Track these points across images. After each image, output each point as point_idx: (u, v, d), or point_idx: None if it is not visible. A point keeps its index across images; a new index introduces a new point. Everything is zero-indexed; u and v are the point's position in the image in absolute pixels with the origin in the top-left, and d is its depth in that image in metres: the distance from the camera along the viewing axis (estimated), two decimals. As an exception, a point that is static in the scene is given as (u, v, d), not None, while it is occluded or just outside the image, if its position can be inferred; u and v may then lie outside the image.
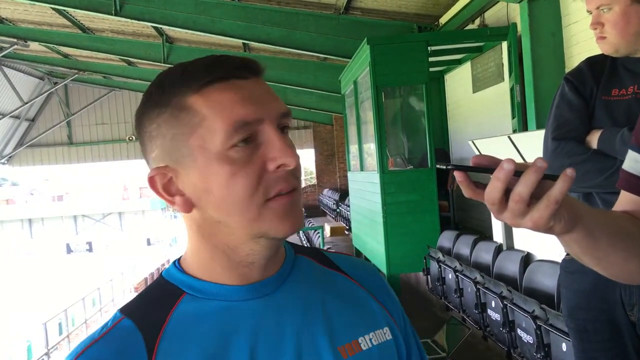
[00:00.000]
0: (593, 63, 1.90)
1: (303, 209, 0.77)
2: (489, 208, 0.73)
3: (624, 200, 0.98)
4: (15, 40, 11.12)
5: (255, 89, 0.74)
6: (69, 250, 42.63)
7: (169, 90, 0.73)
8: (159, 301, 0.76)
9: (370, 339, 0.81)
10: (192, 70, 0.73)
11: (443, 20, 7.54)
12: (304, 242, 12.22)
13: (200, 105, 0.71)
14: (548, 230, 0.73)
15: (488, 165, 0.71)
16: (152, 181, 0.75)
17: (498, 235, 4.87)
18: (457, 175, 0.72)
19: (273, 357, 0.74)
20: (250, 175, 0.71)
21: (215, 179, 0.71)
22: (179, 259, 0.81)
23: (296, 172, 0.74)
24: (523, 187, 0.68)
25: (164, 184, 0.75)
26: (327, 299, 0.82)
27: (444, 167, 0.73)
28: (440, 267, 5.25)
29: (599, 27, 1.80)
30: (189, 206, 0.75)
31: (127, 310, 0.76)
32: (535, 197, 0.70)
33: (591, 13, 1.84)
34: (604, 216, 0.87)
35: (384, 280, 0.93)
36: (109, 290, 18.93)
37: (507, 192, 0.70)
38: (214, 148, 0.71)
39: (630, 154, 0.99)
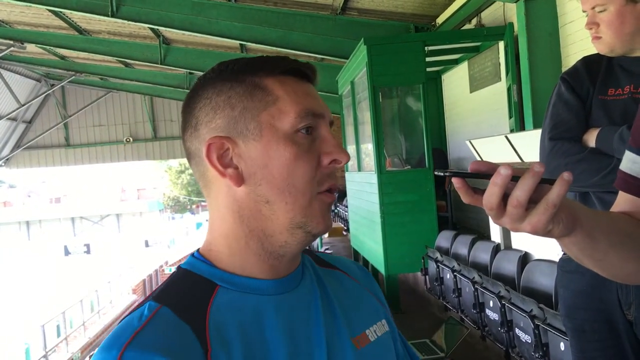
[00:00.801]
0: (589, 62, 1.90)
1: None
2: (487, 213, 0.73)
3: (622, 201, 0.98)
4: (11, 42, 11.09)
5: (315, 91, 0.81)
6: (67, 252, 42.56)
7: (245, 69, 0.78)
8: (192, 293, 0.75)
9: (375, 331, 0.85)
10: (270, 58, 0.80)
11: (440, 20, 7.54)
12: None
13: (277, 87, 0.77)
14: (547, 233, 0.74)
15: (486, 171, 0.71)
16: (209, 150, 0.76)
17: (496, 235, 4.88)
18: (455, 181, 0.73)
19: (309, 350, 0.75)
20: (311, 162, 0.76)
21: (278, 157, 0.75)
22: (198, 251, 0.81)
23: (336, 173, 0.79)
24: (521, 192, 0.69)
25: (220, 154, 0.76)
26: (335, 293, 0.85)
27: (442, 174, 0.73)
28: (438, 267, 5.25)
29: (594, 27, 1.81)
30: (240, 180, 0.76)
31: (164, 299, 0.73)
32: (533, 201, 0.70)
33: (587, 13, 1.85)
34: (602, 217, 0.88)
35: (370, 275, 0.98)
36: (107, 292, 18.89)
37: (505, 198, 0.70)
38: (282, 127, 0.75)
39: (628, 155, 0.99)
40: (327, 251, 8.58)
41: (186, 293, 0.75)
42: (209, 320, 0.72)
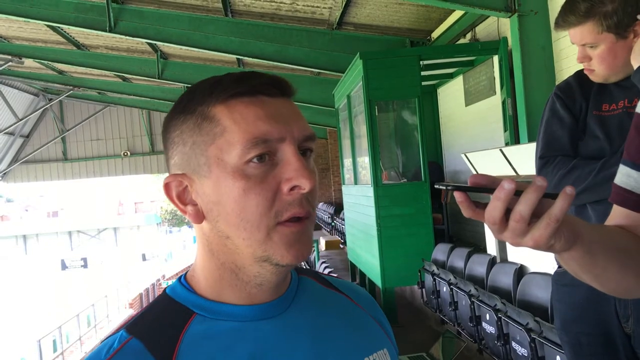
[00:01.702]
0: (581, 77, 1.91)
1: (313, 237, 0.75)
2: (489, 228, 0.73)
3: (617, 214, 0.98)
4: (9, 57, 11.15)
5: (282, 107, 0.73)
6: (64, 267, 42.34)
7: (198, 98, 0.73)
8: (168, 321, 0.74)
9: (375, 359, 0.82)
10: (222, 82, 0.73)
11: (435, 34, 7.61)
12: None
13: (224, 116, 0.71)
14: (549, 248, 0.74)
15: (487, 185, 0.71)
16: (167, 187, 0.75)
17: (492, 248, 4.88)
18: (457, 195, 0.72)
19: None
20: (263, 194, 0.70)
21: (228, 192, 0.70)
22: (185, 275, 0.80)
23: (311, 197, 0.73)
24: (524, 207, 0.69)
25: (179, 192, 0.74)
26: (333, 319, 0.82)
27: (444, 187, 0.72)
28: (434, 280, 5.25)
29: (586, 61, 1.82)
30: (200, 217, 0.74)
31: (135, 330, 0.73)
32: (535, 216, 0.70)
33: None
34: (600, 232, 0.88)
35: (377, 303, 0.94)
36: (103, 307, 18.79)
37: (507, 212, 0.70)
38: (230, 161, 0.70)
39: (622, 169, 0.99)
40: (324, 264, 8.57)
41: (160, 322, 0.74)
42: (178, 351, 0.71)
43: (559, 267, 1.91)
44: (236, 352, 0.72)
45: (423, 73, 6.56)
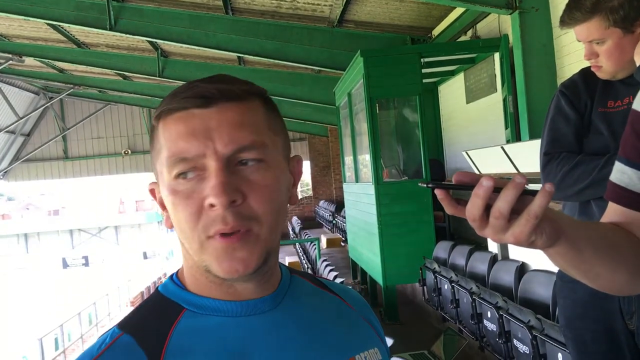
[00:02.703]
0: (587, 75, 1.91)
1: (263, 250, 0.73)
2: (470, 224, 0.74)
3: (612, 211, 0.98)
4: (10, 55, 11.15)
5: (210, 120, 0.71)
6: (65, 265, 42.40)
7: (159, 109, 0.75)
8: (158, 317, 0.76)
9: (365, 357, 0.82)
10: (170, 94, 0.74)
11: (436, 32, 7.60)
12: (301, 254, 12.19)
13: (161, 133, 0.74)
14: (530, 244, 0.74)
15: (469, 183, 0.72)
16: (152, 193, 0.79)
17: (493, 245, 4.88)
18: (438, 193, 0.73)
19: None
20: (187, 209, 0.71)
21: (167, 205, 0.74)
22: (176, 273, 0.81)
23: (248, 210, 0.70)
24: (502, 203, 0.69)
25: (160, 198, 0.77)
26: (323, 317, 0.83)
27: (425, 185, 0.73)
28: (436, 277, 5.25)
29: (594, 58, 1.81)
30: (169, 223, 0.76)
31: (126, 326, 0.75)
32: (516, 212, 0.70)
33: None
34: (589, 228, 0.87)
35: (369, 305, 0.95)
36: (105, 305, 18.82)
37: (488, 209, 0.71)
38: (165, 176, 0.73)
39: (617, 165, 0.98)
40: (325, 262, 8.56)
41: (151, 318, 0.76)
42: (168, 345, 0.72)
43: (562, 264, 1.90)
44: (226, 346, 0.73)
45: (424, 70, 6.55)
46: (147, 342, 0.72)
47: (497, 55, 6.14)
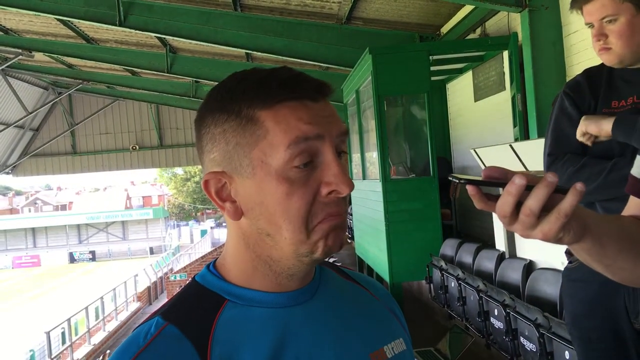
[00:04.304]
0: (590, 75, 1.91)
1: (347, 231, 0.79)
2: (500, 220, 0.75)
3: (633, 205, 1.00)
4: (20, 50, 11.20)
5: (322, 110, 0.76)
6: (72, 259, 42.67)
7: (242, 98, 0.74)
8: (201, 308, 0.77)
9: (393, 348, 0.85)
10: (266, 84, 0.74)
11: (444, 29, 7.58)
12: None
13: (269, 119, 0.73)
14: (557, 241, 0.76)
15: (499, 177, 0.73)
16: (206, 184, 0.77)
17: (500, 243, 4.88)
18: (470, 189, 0.74)
19: None
20: (305, 197, 0.73)
21: (271, 194, 0.73)
22: (214, 263, 0.83)
23: (347, 197, 0.77)
24: (534, 201, 0.71)
25: (218, 189, 0.77)
26: (353, 308, 0.85)
27: (457, 181, 0.74)
28: (443, 275, 5.26)
29: (603, 39, 1.79)
30: (238, 214, 0.76)
31: (170, 316, 0.75)
32: (545, 209, 0.72)
33: (590, 26, 1.83)
34: (612, 223, 0.89)
35: (392, 296, 0.98)
36: (111, 300, 18.91)
37: (518, 205, 0.72)
38: (273, 164, 0.73)
39: (638, 160, 1.01)
40: (331, 259, 8.58)
41: (194, 308, 0.77)
42: (213, 336, 0.73)
43: (570, 262, 1.91)
44: (268, 336, 0.75)
45: (432, 68, 6.53)
46: (193, 332, 0.73)
47: (505, 53, 6.12)
